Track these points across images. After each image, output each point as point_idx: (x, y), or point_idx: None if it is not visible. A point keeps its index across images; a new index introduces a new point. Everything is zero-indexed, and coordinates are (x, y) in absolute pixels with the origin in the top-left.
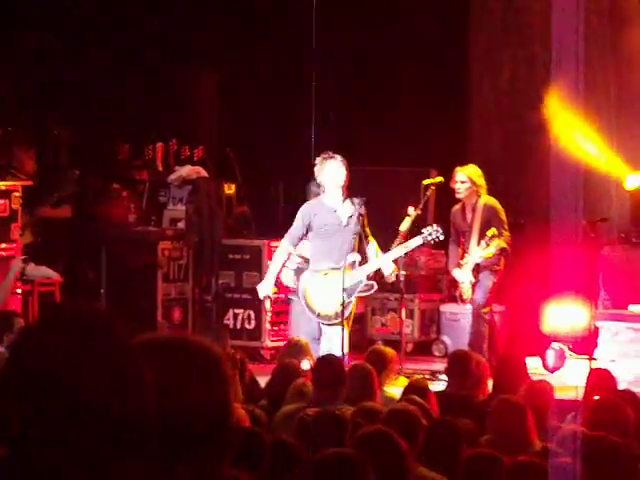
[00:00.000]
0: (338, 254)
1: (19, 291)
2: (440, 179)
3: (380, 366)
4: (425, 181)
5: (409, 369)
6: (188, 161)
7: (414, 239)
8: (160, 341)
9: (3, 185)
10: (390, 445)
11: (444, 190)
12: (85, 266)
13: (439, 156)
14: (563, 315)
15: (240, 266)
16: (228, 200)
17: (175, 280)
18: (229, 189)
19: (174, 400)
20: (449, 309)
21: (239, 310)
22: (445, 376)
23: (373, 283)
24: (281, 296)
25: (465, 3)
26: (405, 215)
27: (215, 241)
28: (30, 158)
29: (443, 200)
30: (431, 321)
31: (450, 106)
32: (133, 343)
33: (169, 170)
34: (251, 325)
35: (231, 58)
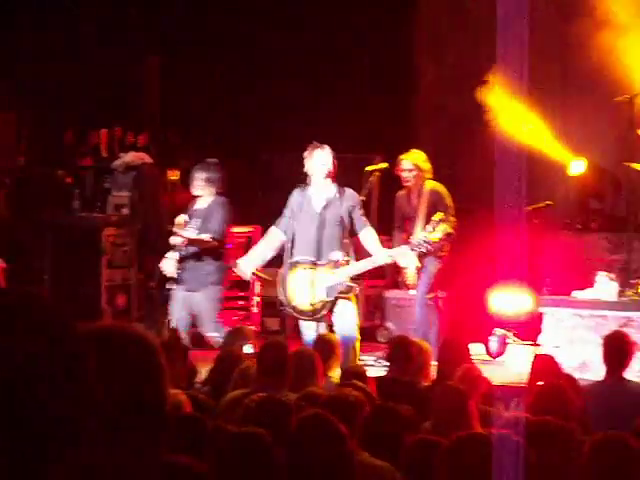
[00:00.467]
0: (316, 246)
1: None
2: (384, 165)
3: (326, 353)
4: (369, 167)
5: None
6: (132, 147)
7: (389, 253)
8: (96, 329)
9: None
10: (329, 429)
11: (388, 176)
12: (29, 252)
13: (383, 142)
14: (507, 301)
15: None
16: (172, 186)
17: (119, 266)
18: (173, 175)
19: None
20: (394, 295)
21: None
22: (386, 362)
23: (353, 286)
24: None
25: None
26: None
27: (159, 227)
28: None
29: (387, 186)
30: (375, 307)
31: (395, 92)
32: (76, 330)
33: (113, 156)
34: None
35: (174, 44)
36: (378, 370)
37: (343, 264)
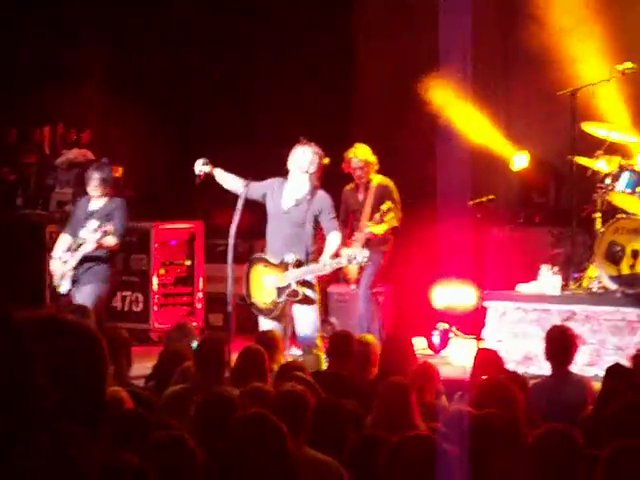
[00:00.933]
0: (279, 244)
1: None
2: (326, 161)
3: (270, 348)
4: None
5: (298, 352)
6: (75, 144)
7: (336, 260)
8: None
9: None
10: (268, 427)
11: (330, 171)
12: None
13: (325, 138)
14: (450, 295)
15: (128, 248)
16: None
17: None
18: (116, 172)
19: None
20: (337, 290)
21: (127, 292)
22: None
23: (298, 290)
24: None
25: None
26: None
27: None
28: None
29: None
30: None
31: (335, 89)
32: (19, 324)
33: (56, 154)
34: (139, 307)
35: (117, 42)
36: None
37: (292, 266)
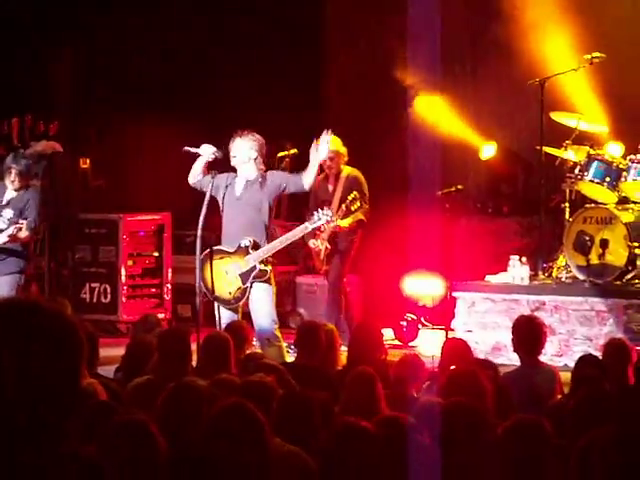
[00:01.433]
0: (234, 232)
1: None
2: (294, 151)
3: (239, 339)
4: (280, 153)
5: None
6: (43, 136)
7: (300, 227)
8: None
9: None
10: (247, 418)
11: (299, 161)
12: None
13: (293, 128)
14: (419, 286)
15: (96, 240)
16: (83, 174)
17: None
18: (84, 164)
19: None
20: (305, 281)
21: (95, 284)
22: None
23: (267, 269)
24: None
25: None
26: None
27: (71, 215)
28: None
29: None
30: (287, 293)
31: (305, 77)
32: None
33: (25, 145)
34: (107, 299)
35: (85, 33)
36: (291, 356)
37: (251, 249)
